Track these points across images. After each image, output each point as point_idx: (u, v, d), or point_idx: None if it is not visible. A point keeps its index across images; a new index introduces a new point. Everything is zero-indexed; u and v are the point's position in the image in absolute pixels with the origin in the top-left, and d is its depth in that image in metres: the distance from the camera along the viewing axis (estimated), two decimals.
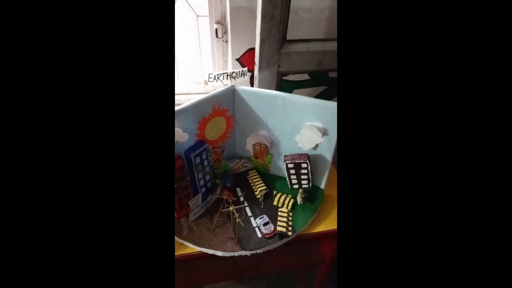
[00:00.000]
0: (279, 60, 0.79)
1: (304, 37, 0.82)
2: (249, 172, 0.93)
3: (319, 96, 1.06)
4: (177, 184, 0.72)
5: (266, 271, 1.04)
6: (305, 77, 0.98)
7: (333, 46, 0.83)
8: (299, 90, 1.02)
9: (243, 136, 0.89)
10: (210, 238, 0.74)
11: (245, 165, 0.94)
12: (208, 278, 0.99)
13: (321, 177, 0.87)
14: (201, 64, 1.03)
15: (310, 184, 0.87)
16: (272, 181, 0.91)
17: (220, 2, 0.87)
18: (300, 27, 0.83)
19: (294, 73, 0.88)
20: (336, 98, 1.06)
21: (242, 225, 0.74)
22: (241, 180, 0.91)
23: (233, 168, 0.92)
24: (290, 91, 0.99)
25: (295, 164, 0.80)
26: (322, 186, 0.89)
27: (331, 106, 0.73)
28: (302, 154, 0.80)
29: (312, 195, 0.87)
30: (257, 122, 0.84)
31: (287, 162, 0.80)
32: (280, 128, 0.82)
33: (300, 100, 0.76)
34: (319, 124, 0.77)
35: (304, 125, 0.78)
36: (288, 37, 0.80)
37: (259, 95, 0.79)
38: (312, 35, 0.84)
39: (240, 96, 0.81)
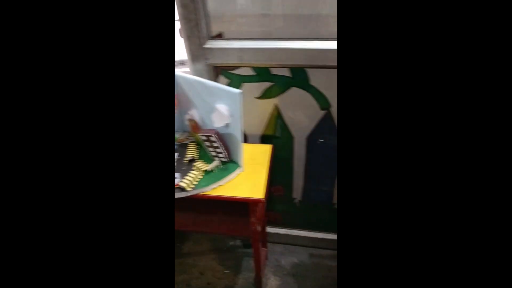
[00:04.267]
0: (204, 54, 1.00)
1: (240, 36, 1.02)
2: (189, 144, 1.17)
3: (265, 91, 1.20)
4: None
5: (204, 230, 1.26)
6: (252, 72, 1.16)
7: (251, 44, 1.00)
8: (247, 84, 1.19)
9: (184, 113, 1.13)
10: None
11: (189, 137, 1.18)
12: None
13: (236, 154, 1.04)
14: None
15: (228, 158, 1.05)
16: (206, 154, 1.12)
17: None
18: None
19: (225, 66, 1.08)
20: (277, 94, 1.19)
21: None
22: (182, 149, 1.15)
23: (179, 139, 1.17)
24: (238, 84, 1.18)
25: (206, 136, 1.00)
26: (240, 162, 1.05)
27: (235, 93, 0.91)
28: (211, 129, 1.00)
29: (227, 167, 1.05)
30: (189, 102, 1.07)
31: (200, 134, 1.01)
32: (202, 108, 1.04)
33: (212, 86, 0.96)
34: (225, 108, 0.95)
35: (216, 107, 0.97)
36: (227, 35, 1.01)
37: (187, 80, 1.02)
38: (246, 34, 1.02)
39: (178, 81, 1.06)
